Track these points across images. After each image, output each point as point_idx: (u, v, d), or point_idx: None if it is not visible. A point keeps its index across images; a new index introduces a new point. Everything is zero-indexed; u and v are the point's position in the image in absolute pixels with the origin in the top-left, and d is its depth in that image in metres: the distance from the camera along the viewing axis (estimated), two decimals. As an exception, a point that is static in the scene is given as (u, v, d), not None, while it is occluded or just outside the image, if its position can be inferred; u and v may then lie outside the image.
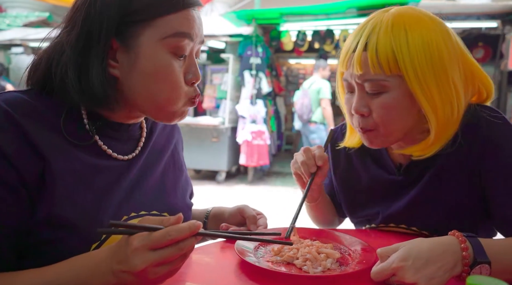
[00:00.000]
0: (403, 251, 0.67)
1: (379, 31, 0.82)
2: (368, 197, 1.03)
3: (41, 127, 0.67)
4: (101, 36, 0.68)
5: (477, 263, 0.66)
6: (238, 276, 0.73)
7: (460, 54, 0.86)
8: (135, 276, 0.56)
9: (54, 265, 0.62)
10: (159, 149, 0.89)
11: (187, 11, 0.73)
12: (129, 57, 0.71)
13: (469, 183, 0.88)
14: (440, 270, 0.64)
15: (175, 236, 0.56)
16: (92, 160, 0.73)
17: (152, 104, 0.74)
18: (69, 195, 0.67)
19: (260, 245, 0.85)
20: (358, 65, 0.83)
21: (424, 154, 0.87)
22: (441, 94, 0.82)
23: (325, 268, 0.74)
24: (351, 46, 0.86)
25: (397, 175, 0.97)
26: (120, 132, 0.79)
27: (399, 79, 0.82)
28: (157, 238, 0.55)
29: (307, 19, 6.06)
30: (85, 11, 0.69)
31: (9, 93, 0.69)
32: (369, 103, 0.86)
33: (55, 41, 0.73)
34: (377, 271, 0.69)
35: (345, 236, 0.89)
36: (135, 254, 0.55)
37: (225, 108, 6.11)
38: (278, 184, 6.12)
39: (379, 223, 1.01)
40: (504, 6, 5.45)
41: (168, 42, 0.71)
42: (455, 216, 0.91)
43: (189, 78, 0.75)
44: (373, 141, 0.89)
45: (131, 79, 0.72)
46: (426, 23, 0.83)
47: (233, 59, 6.13)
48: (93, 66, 0.69)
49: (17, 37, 7.20)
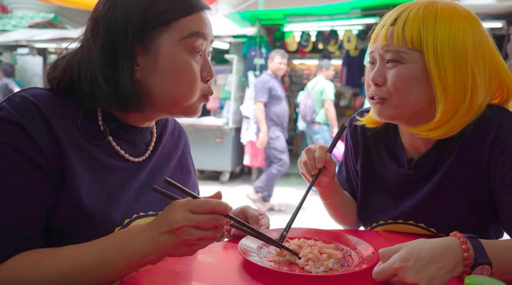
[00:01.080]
0: (405, 251, 0.68)
1: (410, 11, 0.87)
2: (381, 190, 1.05)
3: (63, 123, 0.72)
4: (127, 43, 0.74)
5: (478, 264, 0.67)
6: (241, 275, 0.74)
7: (488, 51, 0.88)
8: (172, 233, 0.64)
9: (98, 239, 0.69)
10: (167, 153, 0.93)
11: (199, 13, 0.79)
12: (150, 59, 0.76)
13: (479, 182, 0.89)
14: (441, 271, 0.65)
15: (214, 205, 0.65)
16: (105, 159, 0.77)
17: (169, 101, 0.79)
18: (86, 189, 0.72)
19: (264, 245, 0.85)
20: (384, 37, 0.88)
21: (428, 135, 0.89)
22: (456, 78, 0.84)
23: (327, 268, 0.75)
24: (382, 23, 0.91)
25: (407, 168, 0.98)
26: (132, 135, 0.84)
27: (418, 55, 0.85)
28: (198, 203, 0.65)
29: (311, 20, 6.06)
30: (107, 20, 0.74)
31: (35, 89, 0.73)
32: (386, 73, 0.89)
33: (81, 52, 0.77)
34: (378, 271, 0.69)
35: (347, 236, 0.90)
36: (177, 210, 0.64)
37: (229, 108, 6.12)
38: (282, 184, 6.12)
39: (388, 218, 1.02)
40: (509, 6, 5.43)
41: (185, 42, 0.77)
42: (464, 215, 0.92)
43: (204, 75, 0.81)
44: (384, 112, 0.91)
45: (152, 80, 0.77)
46: (458, 12, 0.87)
47: (237, 60, 6.14)
48: (122, 71, 0.74)
49: (23, 38, 7.25)
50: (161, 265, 0.77)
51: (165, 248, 0.65)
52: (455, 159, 0.90)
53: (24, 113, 0.67)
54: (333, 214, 1.15)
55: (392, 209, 1.01)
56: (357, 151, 1.11)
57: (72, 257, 0.66)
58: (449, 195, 0.92)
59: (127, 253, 0.66)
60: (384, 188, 1.04)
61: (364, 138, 1.08)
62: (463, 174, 0.91)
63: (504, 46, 5.99)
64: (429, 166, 0.95)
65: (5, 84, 6.86)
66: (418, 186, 0.97)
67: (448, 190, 0.92)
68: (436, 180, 0.94)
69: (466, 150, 0.88)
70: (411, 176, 0.98)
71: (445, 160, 0.92)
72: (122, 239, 0.67)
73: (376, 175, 1.06)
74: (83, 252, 0.66)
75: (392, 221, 1.01)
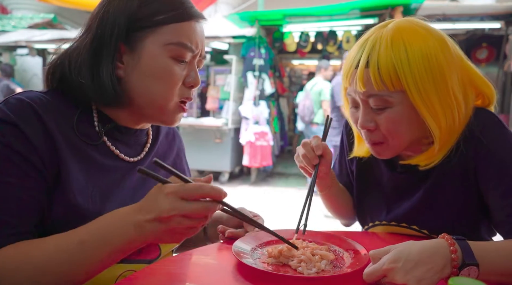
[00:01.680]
0: (394, 253, 0.69)
1: (380, 48, 0.84)
2: (375, 192, 1.06)
3: (58, 124, 0.74)
4: (112, 39, 0.76)
5: (466, 265, 0.68)
6: (235, 277, 0.75)
7: (459, 62, 0.88)
8: (159, 221, 0.61)
9: (82, 226, 0.67)
10: (162, 155, 0.95)
11: (190, 23, 0.80)
12: (133, 58, 0.78)
13: (468, 185, 0.90)
14: (430, 272, 0.66)
15: (207, 191, 0.61)
16: (100, 159, 0.79)
17: (146, 101, 0.80)
18: (81, 188, 0.74)
19: (257, 246, 0.87)
20: (361, 82, 0.85)
21: (430, 163, 0.90)
22: (442, 104, 0.84)
23: (319, 270, 0.76)
24: (353, 63, 0.88)
25: (399, 172, 1.00)
26: (127, 136, 0.86)
27: (402, 94, 0.84)
28: (190, 189, 0.61)
29: (310, 20, 6.07)
30: (99, 18, 0.78)
31: (31, 92, 0.75)
32: (375, 118, 0.88)
33: (74, 46, 0.80)
34: (368, 273, 0.71)
35: (340, 237, 0.91)
36: (167, 198, 0.61)
37: (228, 109, 6.14)
38: (281, 185, 6.14)
39: (382, 220, 1.03)
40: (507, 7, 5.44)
41: (169, 48, 0.78)
42: (456, 217, 0.93)
43: (188, 81, 0.82)
44: (383, 153, 0.93)
45: (133, 78, 0.79)
46: (424, 36, 0.85)
47: (236, 60, 6.15)
48: (103, 65, 0.76)
49: (22, 39, 7.25)
50: (155, 266, 0.78)
51: (150, 235, 0.63)
52: (445, 163, 0.91)
53: (20, 114, 0.69)
54: (330, 206, 1.17)
55: (386, 211, 1.03)
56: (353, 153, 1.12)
57: (55, 245, 0.65)
58: (441, 198, 0.94)
59: (110, 241, 0.64)
60: (378, 190, 1.06)
61: None
62: (453, 178, 0.92)
63: (503, 47, 6.00)
64: (420, 170, 0.96)
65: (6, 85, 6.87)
66: (410, 189, 0.99)
67: (439, 193, 0.94)
68: (428, 184, 0.95)
69: (455, 154, 0.89)
70: (404, 180, 1.00)
71: (436, 164, 0.93)
72: (105, 226, 0.65)
73: (370, 176, 1.08)
74: (66, 240, 0.66)
75: (386, 223, 1.03)
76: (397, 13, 5.07)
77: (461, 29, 6.06)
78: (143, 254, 0.86)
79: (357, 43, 0.90)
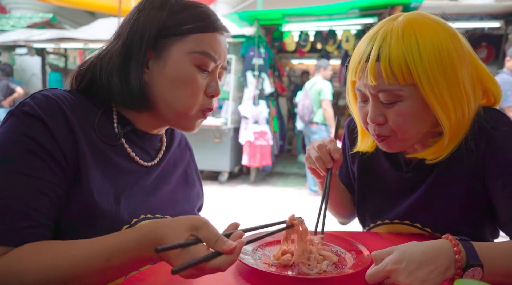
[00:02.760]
0: (397, 254, 0.68)
1: (391, 41, 0.82)
2: (378, 192, 1.06)
3: (81, 123, 0.76)
4: (141, 46, 0.79)
5: (470, 266, 0.67)
6: (236, 277, 0.75)
7: (468, 57, 0.87)
8: None
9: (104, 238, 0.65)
10: (173, 162, 0.96)
11: (215, 34, 0.83)
12: (159, 64, 0.80)
13: (473, 184, 0.90)
14: (433, 273, 0.65)
15: (224, 268, 0.60)
16: (118, 160, 0.81)
17: (169, 107, 0.82)
18: (98, 187, 0.75)
19: (258, 247, 0.86)
20: (372, 76, 0.84)
21: (437, 157, 0.89)
22: (452, 98, 0.83)
23: (321, 270, 0.75)
24: (362, 56, 0.86)
25: (405, 171, 0.99)
26: (144, 140, 0.88)
27: (412, 88, 0.83)
28: (208, 267, 0.59)
29: (309, 20, 6.07)
30: (130, 26, 0.81)
31: (56, 90, 0.77)
32: (385, 112, 0.87)
33: (103, 52, 0.83)
34: (371, 274, 0.70)
35: (342, 238, 0.90)
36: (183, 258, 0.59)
37: (227, 108, 6.13)
38: (281, 184, 6.14)
39: (385, 219, 1.03)
40: (507, 6, 5.44)
41: (194, 56, 0.80)
42: (459, 215, 0.92)
43: (209, 91, 0.84)
44: (391, 146, 0.92)
45: (157, 83, 0.81)
46: (436, 29, 0.84)
47: (235, 60, 6.15)
48: (132, 70, 0.79)
49: (21, 38, 7.24)
50: (155, 266, 0.78)
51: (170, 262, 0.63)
52: (451, 161, 0.91)
53: (46, 109, 0.71)
54: (331, 206, 1.17)
55: (389, 209, 1.03)
56: (355, 154, 1.12)
57: (78, 256, 0.64)
58: (444, 195, 0.93)
59: (134, 260, 0.64)
60: (382, 190, 1.05)
61: None
62: (458, 175, 0.91)
63: (502, 46, 6.00)
64: (427, 169, 0.96)
65: (6, 84, 6.86)
66: (414, 187, 0.98)
67: (443, 190, 0.93)
68: (431, 181, 0.94)
69: (461, 151, 0.89)
70: (409, 179, 0.99)
71: (442, 163, 0.92)
72: (130, 247, 0.64)
73: (373, 176, 1.07)
74: (89, 254, 0.64)
75: (388, 222, 1.03)
76: (396, 12, 5.06)
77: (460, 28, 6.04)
78: None
79: (366, 36, 0.88)
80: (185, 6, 0.82)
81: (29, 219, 0.66)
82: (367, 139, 1.04)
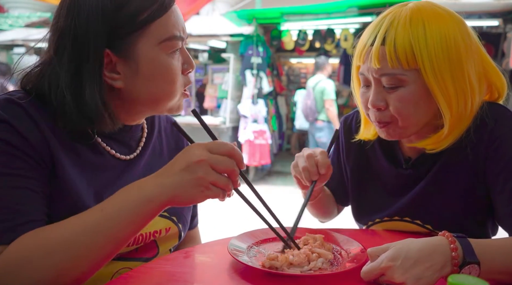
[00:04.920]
0: (393, 251, 0.67)
1: (397, 26, 0.82)
2: (376, 188, 1.05)
3: (49, 124, 0.72)
4: (90, 54, 0.70)
5: (467, 263, 0.66)
6: (230, 275, 0.74)
7: (476, 50, 0.87)
8: (187, 169, 0.63)
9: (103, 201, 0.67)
10: (159, 149, 0.93)
11: (171, 10, 0.76)
12: (130, 67, 0.74)
13: (474, 180, 0.89)
14: (429, 270, 0.65)
15: (232, 149, 0.67)
16: (94, 158, 0.78)
17: (154, 101, 0.79)
18: (76, 187, 0.73)
19: (253, 245, 0.85)
20: (376, 59, 0.83)
21: (436, 148, 0.89)
22: (456, 88, 0.83)
23: (316, 268, 0.75)
24: (368, 40, 0.86)
25: (405, 167, 0.98)
26: (122, 133, 0.83)
27: (416, 73, 0.83)
28: (217, 143, 0.67)
29: (308, 19, 6.06)
30: (72, 34, 0.71)
31: (18, 92, 0.74)
32: (386, 97, 0.87)
33: (46, 66, 0.75)
34: (366, 271, 0.69)
35: (338, 235, 0.90)
36: (196, 147, 0.65)
37: (226, 107, 6.13)
38: (280, 183, 6.13)
39: (384, 216, 1.02)
40: (505, 4, 5.43)
41: (163, 45, 0.75)
42: (460, 211, 0.92)
43: (185, 68, 0.82)
44: (391, 133, 0.90)
45: (135, 86, 0.76)
46: (444, 17, 0.84)
47: (234, 59, 6.14)
48: (86, 86, 0.71)
49: (19, 38, 7.22)
50: (151, 265, 0.77)
51: (174, 189, 0.63)
52: (452, 156, 0.90)
53: (11, 112, 0.69)
54: (315, 211, 1.16)
55: (388, 206, 1.01)
56: (350, 150, 1.10)
57: (71, 221, 0.64)
58: (445, 192, 0.92)
59: (127, 203, 0.63)
60: (380, 187, 1.04)
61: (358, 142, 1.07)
62: (460, 172, 0.90)
63: (501, 45, 6.00)
64: (427, 165, 0.95)
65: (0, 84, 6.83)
66: (415, 184, 0.97)
67: (444, 187, 0.92)
68: (432, 177, 0.93)
69: (462, 147, 0.88)
70: (409, 175, 0.98)
71: (442, 158, 0.92)
72: (122, 192, 0.66)
73: (371, 173, 1.06)
74: (84, 214, 0.65)
75: (388, 218, 1.01)
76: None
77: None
78: (140, 252, 0.85)
79: (373, 22, 0.88)
80: None
81: (22, 215, 0.65)
82: (369, 127, 1.02)
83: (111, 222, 0.63)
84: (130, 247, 0.82)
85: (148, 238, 0.85)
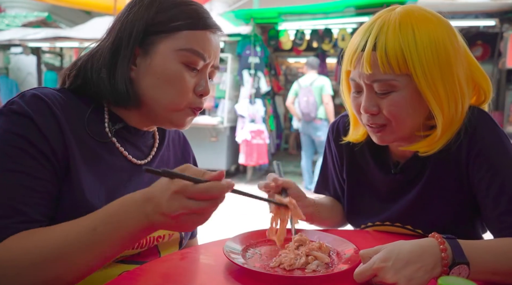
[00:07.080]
0: (384, 252, 0.69)
1: (387, 31, 0.83)
2: (367, 193, 1.05)
3: (70, 121, 0.76)
4: (129, 42, 0.80)
5: (456, 264, 0.68)
6: (226, 276, 0.75)
7: (463, 53, 0.88)
8: (167, 217, 0.61)
9: (90, 214, 0.67)
10: (166, 160, 0.96)
11: (205, 32, 0.82)
12: (145, 61, 0.81)
13: (461, 184, 0.90)
14: (420, 271, 0.66)
15: (215, 193, 0.60)
16: (108, 158, 0.81)
17: (156, 104, 0.82)
18: (89, 186, 0.75)
19: (248, 246, 0.86)
20: (368, 65, 0.84)
21: (429, 150, 0.89)
22: (447, 91, 0.84)
23: (310, 270, 0.76)
24: (358, 46, 0.87)
25: (394, 172, 0.99)
26: (136, 137, 0.88)
27: (407, 78, 0.84)
28: (198, 190, 0.59)
29: (305, 18, 6.07)
30: (120, 23, 0.82)
31: (45, 88, 0.78)
32: (378, 102, 0.87)
33: (95, 50, 0.84)
34: (359, 272, 0.70)
35: (332, 237, 0.91)
36: (174, 198, 0.60)
37: (223, 107, 6.13)
38: (277, 183, 6.13)
39: (376, 221, 1.03)
40: (502, 4, 5.45)
41: (181, 54, 0.80)
42: (450, 216, 0.93)
43: (198, 90, 0.84)
44: (384, 138, 0.91)
45: (143, 80, 0.81)
46: (433, 21, 0.84)
47: (231, 59, 6.13)
48: (119, 67, 0.80)
49: (16, 37, 7.20)
50: (146, 266, 0.78)
51: (160, 226, 0.64)
52: (439, 162, 0.91)
53: (34, 107, 0.72)
54: (321, 226, 1.13)
55: (379, 212, 1.02)
56: (342, 157, 1.11)
57: (65, 232, 0.65)
58: (434, 197, 0.93)
59: (122, 228, 0.64)
60: (371, 192, 1.05)
61: (348, 144, 1.08)
62: (446, 177, 0.91)
63: (497, 44, 6.02)
64: (415, 169, 0.96)
65: None
66: (404, 189, 0.98)
67: (433, 192, 0.93)
68: (422, 183, 0.94)
69: (448, 153, 0.89)
70: (398, 180, 0.99)
71: (430, 164, 0.93)
72: (116, 213, 0.65)
73: (362, 179, 1.07)
74: (77, 228, 0.65)
75: (379, 223, 1.02)
76: (392, 11, 5.07)
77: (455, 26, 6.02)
78: (142, 256, 0.86)
79: (362, 27, 0.88)
80: (175, 3, 0.81)
81: (21, 214, 0.67)
82: (358, 128, 1.03)
83: (102, 244, 0.64)
84: (133, 251, 0.83)
85: (152, 242, 0.86)
